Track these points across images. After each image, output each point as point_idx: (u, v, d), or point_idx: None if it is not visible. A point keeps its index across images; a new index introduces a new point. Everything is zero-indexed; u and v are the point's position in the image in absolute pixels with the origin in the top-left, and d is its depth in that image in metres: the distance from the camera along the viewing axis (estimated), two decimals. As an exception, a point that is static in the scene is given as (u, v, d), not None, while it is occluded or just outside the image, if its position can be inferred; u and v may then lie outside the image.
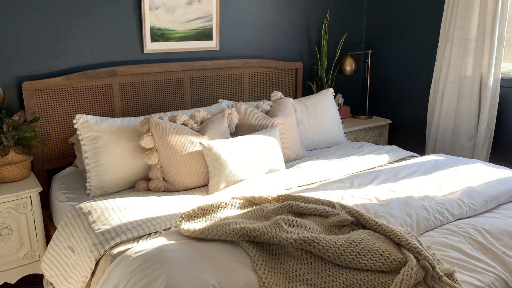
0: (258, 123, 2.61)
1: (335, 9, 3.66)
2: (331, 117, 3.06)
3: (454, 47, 3.11)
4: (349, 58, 3.64)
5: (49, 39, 2.53)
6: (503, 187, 2.06)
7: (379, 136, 3.76)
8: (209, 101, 3.11)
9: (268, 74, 3.37)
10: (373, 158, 2.63)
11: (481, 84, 3.04)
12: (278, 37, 3.43)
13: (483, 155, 3.08)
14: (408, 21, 3.55)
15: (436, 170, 2.36)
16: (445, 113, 3.23)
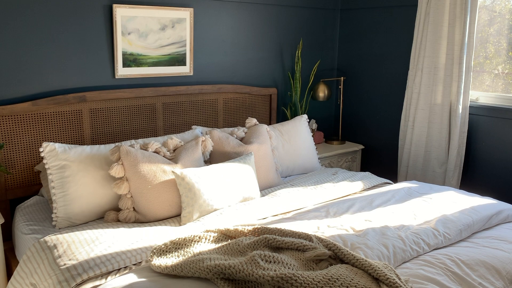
0: (232, 151, 2.58)
1: (308, 37, 3.71)
2: (305, 143, 3.06)
3: (424, 75, 3.19)
4: (322, 85, 3.67)
5: (15, 64, 2.44)
6: (476, 215, 2.08)
7: (352, 161, 3.78)
8: (183, 127, 3.06)
9: (243, 100, 3.35)
10: (348, 185, 2.63)
11: (450, 111, 3.11)
12: (253, 63, 3.44)
13: (454, 181, 3.13)
14: (379, 49, 3.62)
15: (410, 198, 2.37)
16: (416, 139, 3.28)
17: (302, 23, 3.66)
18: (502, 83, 3.09)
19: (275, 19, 3.49)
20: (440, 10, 3.05)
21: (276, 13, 3.49)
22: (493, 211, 2.13)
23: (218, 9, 3.16)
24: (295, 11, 3.60)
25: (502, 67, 3.07)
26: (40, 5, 2.46)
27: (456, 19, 2.99)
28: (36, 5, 2.45)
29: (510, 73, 3.05)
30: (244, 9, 3.29)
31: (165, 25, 2.89)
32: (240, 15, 3.29)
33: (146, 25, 2.81)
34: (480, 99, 3.15)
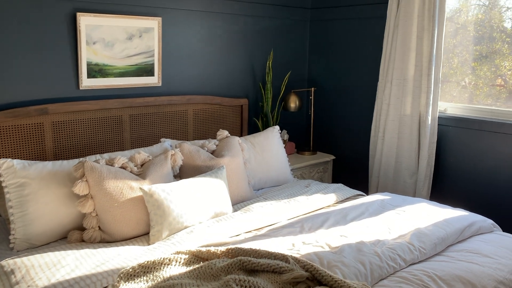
0: (203, 164, 2.50)
1: (279, 48, 3.68)
2: (278, 155, 3.01)
3: (393, 87, 3.20)
4: (293, 95, 3.65)
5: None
6: (449, 228, 2.08)
7: (323, 172, 3.76)
8: (151, 140, 2.95)
9: (213, 111, 3.28)
10: (321, 198, 2.59)
11: (420, 122, 3.14)
12: (223, 74, 3.38)
13: (424, 191, 3.15)
14: (349, 60, 3.63)
15: (383, 210, 2.35)
16: (386, 150, 3.30)
17: (273, 33, 3.63)
18: (469, 94, 3.15)
19: (246, 29, 3.45)
20: (408, 22, 3.08)
21: (247, 23, 3.44)
22: (466, 223, 2.14)
23: (188, 18, 3.09)
24: (266, 22, 3.57)
25: (469, 78, 3.13)
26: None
27: (424, 31, 3.03)
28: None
29: (476, 85, 3.11)
30: (214, 18, 3.23)
31: (132, 34, 2.79)
32: (210, 25, 3.22)
33: (112, 34, 2.70)
34: (448, 110, 3.19)
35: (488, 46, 3.02)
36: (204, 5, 3.14)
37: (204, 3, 3.14)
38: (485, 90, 3.06)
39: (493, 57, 3.01)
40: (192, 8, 3.09)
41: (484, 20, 3.06)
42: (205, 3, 3.14)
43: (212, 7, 3.19)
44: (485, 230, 2.19)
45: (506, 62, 2.95)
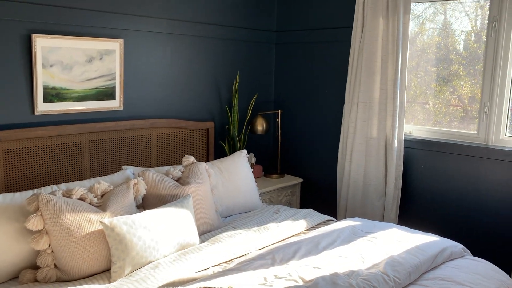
0: (168, 193, 2.38)
1: (245, 70, 3.64)
2: (246, 180, 2.93)
3: (359, 109, 3.21)
4: (260, 118, 3.60)
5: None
6: (422, 255, 2.05)
7: (291, 195, 3.70)
8: (112, 168, 2.80)
9: (178, 135, 3.17)
10: (291, 225, 2.52)
11: (386, 145, 3.15)
12: (188, 96, 3.29)
13: (393, 214, 3.15)
14: (316, 83, 3.63)
15: (355, 237, 2.30)
16: (354, 172, 3.28)
17: (238, 56, 3.59)
18: (433, 116, 3.20)
19: (211, 51, 3.38)
20: (373, 46, 3.11)
21: (212, 46, 3.38)
22: (438, 250, 2.12)
23: (151, 40, 3.00)
24: (231, 44, 3.52)
25: (433, 101, 3.19)
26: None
27: (388, 55, 3.06)
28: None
29: (439, 108, 3.17)
30: (178, 41, 3.15)
31: (92, 57, 2.67)
32: (174, 47, 3.14)
33: (71, 57, 2.57)
34: (413, 132, 3.23)
35: (445, 68, 3.09)
36: (168, 27, 3.06)
37: (168, 25, 3.06)
38: (443, 111, 3.11)
39: (451, 78, 3.08)
40: (156, 30, 3.00)
41: (440, 43, 3.13)
42: (169, 25, 3.07)
43: (177, 29, 3.11)
44: (456, 256, 2.18)
45: (462, 82, 3.02)
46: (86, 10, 2.63)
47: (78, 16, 2.60)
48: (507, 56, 2.75)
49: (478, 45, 2.95)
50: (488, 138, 2.88)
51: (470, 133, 2.97)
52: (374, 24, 3.09)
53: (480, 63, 2.92)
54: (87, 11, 2.63)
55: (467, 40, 3.03)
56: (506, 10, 2.71)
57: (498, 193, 2.79)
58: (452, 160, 2.97)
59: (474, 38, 2.99)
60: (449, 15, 3.11)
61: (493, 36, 2.79)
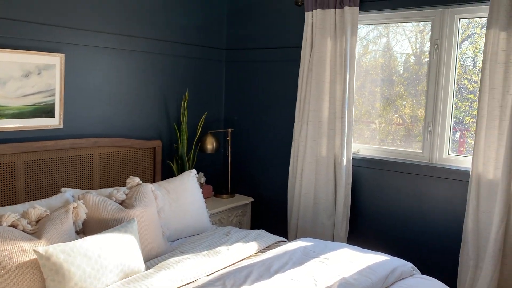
0: (111, 217, 2.23)
1: (194, 87, 3.56)
2: (195, 201, 2.83)
3: (309, 128, 3.22)
4: (210, 136, 3.52)
5: None
6: (374, 276, 2.04)
7: (242, 215, 3.63)
8: (50, 190, 2.61)
9: (123, 155, 3.02)
10: (242, 248, 2.45)
11: (335, 163, 3.17)
12: (134, 114, 3.16)
13: (342, 233, 3.15)
14: (266, 101, 3.62)
15: (307, 259, 2.26)
16: (305, 191, 3.27)
17: (188, 73, 3.51)
18: (379, 135, 3.26)
19: (159, 68, 3.29)
20: (321, 66, 3.14)
21: (160, 62, 3.29)
22: (389, 270, 2.12)
23: (95, 55, 2.86)
24: (181, 61, 3.44)
25: (379, 120, 3.25)
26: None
27: (336, 75, 3.11)
28: None
29: (384, 127, 3.24)
30: (124, 56, 3.03)
31: (30, 71, 2.50)
32: (119, 63, 3.01)
33: (5, 71, 2.39)
34: (361, 151, 3.27)
35: (389, 88, 3.18)
36: (113, 42, 2.94)
37: (113, 40, 2.94)
38: (387, 130, 3.19)
39: (394, 98, 3.17)
40: (100, 45, 2.87)
41: (383, 65, 3.23)
42: (114, 40, 2.94)
43: (122, 45, 3.00)
44: (406, 275, 2.19)
45: (405, 102, 3.12)
46: (23, 21, 2.47)
47: (14, 27, 2.43)
48: (448, 77, 2.87)
49: (419, 67, 3.06)
50: (432, 157, 2.97)
51: (415, 152, 3.05)
52: (323, 45, 3.13)
53: (420, 83, 3.03)
54: (24, 22, 2.47)
55: (408, 62, 3.14)
56: (446, 34, 2.84)
57: (442, 211, 2.86)
58: (398, 178, 3.03)
59: (415, 60, 3.10)
60: (391, 37, 3.22)
61: (435, 58, 2.90)
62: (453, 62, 2.85)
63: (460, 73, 2.90)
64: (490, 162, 2.59)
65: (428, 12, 2.89)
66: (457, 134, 2.97)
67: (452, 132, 2.93)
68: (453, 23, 2.82)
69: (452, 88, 2.88)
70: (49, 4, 2.59)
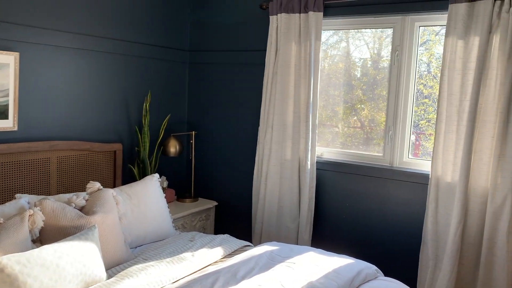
0: (71, 224, 2.13)
1: (157, 89, 3.48)
2: (157, 206, 2.76)
3: (274, 132, 3.22)
4: (173, 139, 3.45)
5: None
6: (340, 279, 2.06)
7: (206, 219, 3.58)
8: (3, 196, 2.47)
9: (82, 158, 2.91)
10: (207, 253, 2.41)
11: (299, 167, 3.18)
12: (94, 116, 3.05)
13: (306, 236, 3.17)
14: (231, 104, 3.59)
15: (273, 264, 2.25)
16: (269, 195, 3.27)
17: (150, 74, 3.43)
18: (341, 139, 3.31)
19: (121, 69, 3.19)
20: (286, 70, 3.15)
21: (121, 63, 3.19)
22: (354, 273, 2.15)
23: (52, 55, 2.73)
24: (143, 62, 3.36)
25: (342, 124, 3.30)
26: None
27: (301, 80, 3.12)
28: None
29: (346, 131, 3.29)
30: (83, 56, 2.92)
31: (-20, 70, 2.35)
32: (78, 63, 2.90)
33: (-47, 69, 2.24)
34: (324, 154, 3.30)
35: (348, 92, 3.23)
36: (72, 41, 2.82)
37: (72, 39, 2.82)
38: (348, 133, 3.24)
39: (354, 103, 3.23)
40: (58, 44, 2.75)
41: (343, 69, 3.28)
42: (73, 39, 2.83)
43: (82, 44, 2.89)
44: (370, 277, 2.22)
45: (364, 106, 3.18)
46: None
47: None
48: (408, 83, 2.95)
49: (377, 72, 3.13)
50: (393, 160, 3.04)
51: (377, 155, 3.11)
52: (287, 49, 3.15)
53: (378, 88, 3.10)
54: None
55: (366, 67, 3.20)
56: (407, 41, 2.91)
57: (402, 213, 2.94)
58: (361, 181, 3.08)
59: (373, 65, 3.17)
60: (350, 43, 3.28)
61: (396, 64, 2.97)
62: (413, 68, 2.93)
63: (416, 78, 2.99)
64: (449, 166, 2.68)
65: (390, 19, 2.97)
66: (412, 137, 3.05)
67: (412, 136, 3.01)
68: (413, 30, 2.90)
69: (412, 93, 2.96)
70: (3, 0, 2.46)
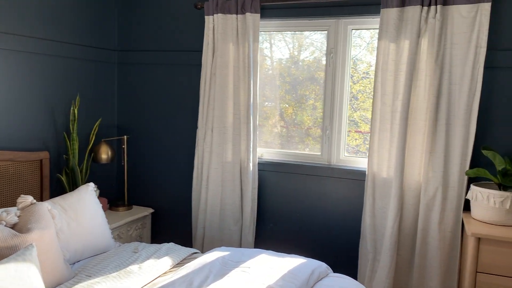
0: (3, 245, 1.90)
1: (85, 92, 3.25)
2: (95, 218, 2.57)
3: (214, 134, 3.17)
4: (105, 145, 3.24)
5: None
6: (297, 280, 2.07)
7: (142, 228, 3.42)
8: None
9: (4, 169, 2.63)
10: (156, 265, 2.29)
11: (241, 168, 3.16)
12: (15, 123, 2.76)
13: (250, 237, 3.16)
14: (165, 106, 3.46)
15: (227, 269, 2.21)
16: (211, 198, 3.21)
17: (77, 76, 3.19)
18: (280, 139, 3.34)
19: (44, 70, 2.93)
20: (224, 71, 3.12)
21: (45, 64, 2.93)
22: (308, 272, 2.17)
23: (-35, 54, 2.43)
24: (69, 63, 3.11)
25: (281, 124, 3.34)
26: None
27: (240, 81, 3.10)
28: None
29: (286, 131, 3.33)
30: (2, 57, 2.63)
31: None
32: (-3, 64, 2.61)
33: None
34: (264, 155, 3.32)
35: (287, 93, 3.28)
36: (-12, 40, 2.53)
37: (-11, 37, 2.54)
38: (287, 133, 3.30)
39: (292, 103, 3.28)
40: (-28, 42, 2.45)
41: (280, 70, 3.31)
42: (-10, 37, 2.54)
43: (0, 44, 2.60)
44: (323, 275, 2.27)
45: (300, 106, 3.25)
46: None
47: None
48: (343, 84, 3.06)
49: (313, 72, 3.20)
50: (330, 159, 3.14)
51: (315, 154, 3.20)
52: (225, 50, 3.11)
53: (301, 89, 3.18)
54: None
55: (304, 68, 3.26)
56: (341, 43, 3.02)
57: (342, 209, 3.05)
58: (301, 180, 3.14)
59: (308, 66, 3.24)
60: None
61: (331, 66, 3.07)
62: (347, 69, 3.05)
63: (349, 79, 3.10)
64: (384, 162, 2.82)
65: (324, 22, 3.05)
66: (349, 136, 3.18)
67: (347, 135, 3.13)
68: (346, 33, 3.01)
69: (347, 94, 3.08)
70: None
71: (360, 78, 3.11)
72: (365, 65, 3.08)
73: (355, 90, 3.10)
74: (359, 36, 3.05)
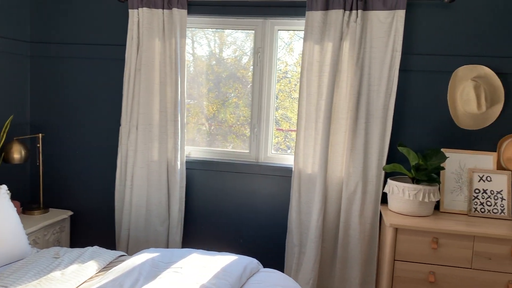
0: None
1: (-7, 85, 2.98)
2: (9, 223, 2.37)
3: (139, 132, 3.07)
4: (17, 144, 3.00)
5: None
6: (230, 278, 2.07)
7: (60, 231, 3.22)
8: None
9: None
10: (80, 270, 2.17)
11: (168, 167, 3.10)
12: None
13: (178, 237, 3.11)
14: (84, 102, 3.28)
15: (159, 271, 2.15)
16: (136, 199, 3.10)
17: (-16, 68, 2.91)
18: (209, 137, 3.33)
19: None
20: (150, 67, 3.03)
21: None
22: (241, 269, 2.19)
23: None
24: (-26, 53, 2.83)
25: (209, 122, 3.32)
26: None
27: (167, 77, 3.03)
28: None
29: (214, 129, 3.33)
30: None
31: None
32: None
33: None
34: (192, 153, 3.28)
35: (214, 90, 3.28)
36: None
37: None
38: (215, 131, 3.30)
39: (220, 101, 3.29)
40: None
41: (208, 67, 3.30)
42: None
43: None
44: (254, 271, 2.30)
45: (229, 104, 3.28)
46: None
47: None
48: (270, 83, 3.12)
49: (222, 70, 3.22)
50: (258, 156, 3.19)
51: (243, 152, 3.23)
52: (151, 45, 3.02)
53: (240, 87, 3.22)
54: None
55: (226, 66, 3.28)
56: (268, 43, 3.08)
57: (270, 205, 3.11)
58: (230, 178, 3.15)
59: (236, 65, 3.27)
60: (213, 42, 3.31)
61: (258, 65, 3.12)
62: (274, 69, 3.12)
63: (276, 78, 3.18)
64: (309, 159, 2.93)
65: (251, 22, 3.09)
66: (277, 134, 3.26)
67: (274, 133, 3.21)
68: (273, 34, 3.08)
69: (274, 93, 3.15)
70: None
71: (281, 78, 3.19)
72: (284, 65, 3.17)
73: (276, 89, 3.18)
74: (279, 36, 3.13)
